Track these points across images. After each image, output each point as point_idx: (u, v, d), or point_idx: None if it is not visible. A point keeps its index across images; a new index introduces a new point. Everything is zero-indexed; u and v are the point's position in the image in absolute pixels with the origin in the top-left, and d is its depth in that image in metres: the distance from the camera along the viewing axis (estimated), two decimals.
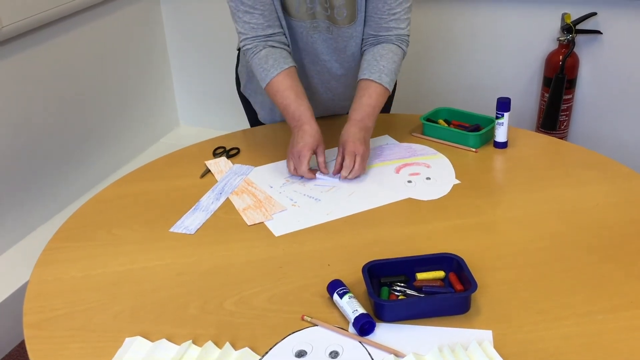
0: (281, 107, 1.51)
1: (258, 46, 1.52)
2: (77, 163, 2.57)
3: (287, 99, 1.49)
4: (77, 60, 2.48)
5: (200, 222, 1.33)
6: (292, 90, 1.49)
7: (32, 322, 1.09)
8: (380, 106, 1.52)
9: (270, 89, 1.51)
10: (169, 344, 1.01)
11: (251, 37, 1.52)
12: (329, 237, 1.27)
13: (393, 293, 1.09)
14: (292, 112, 1.48)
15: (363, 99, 1.50)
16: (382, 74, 1.51)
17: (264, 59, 1.51)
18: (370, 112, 1.49)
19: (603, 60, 2.31)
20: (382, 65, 1.51)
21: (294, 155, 1.46)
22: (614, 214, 1.29)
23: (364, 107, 1.49)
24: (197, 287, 1.14)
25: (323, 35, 1.55)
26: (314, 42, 1.56)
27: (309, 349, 0.99)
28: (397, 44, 1.55)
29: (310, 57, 1.60)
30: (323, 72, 1.63)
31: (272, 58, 1.50)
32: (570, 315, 1.03)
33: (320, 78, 1.64)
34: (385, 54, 1.53)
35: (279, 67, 1.49)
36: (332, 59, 1.60)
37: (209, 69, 2.95)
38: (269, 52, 1.51)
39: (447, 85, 2.58)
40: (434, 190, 1.41)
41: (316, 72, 1.63)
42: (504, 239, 1.24)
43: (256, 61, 1.52)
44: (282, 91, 1.49)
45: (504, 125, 1.54)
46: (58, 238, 1.32)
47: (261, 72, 1.51)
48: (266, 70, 1.50)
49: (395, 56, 1.54)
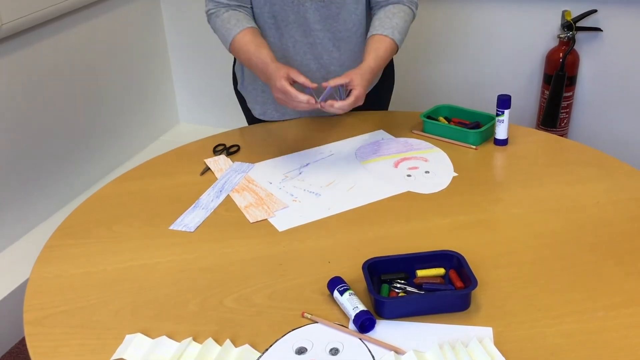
0: (246, 62, 1.54)
1: (221, 10, 1.56)
2: (77, 161, 2.57)
3: (247, 52, 1.51)
4: (77, 57, 2.48)
5: (200, 219, 1.33)
6: (252, 44, 1.51)
7: (32, 319, 1.09)
8: (388, 60, 1.55)
9: (233, 47, 1.54)
10: (169, 340, 1.01)
11: (216, 2, 1.56)
12: (329, 234, 1.27)
13: (393, 290, 1.09)
14: (255, 62, 1.50)
15: (379, 50, 1.51)
16: (394, 30, 1.53)
17: (226, 19, 1.54)
18: (381, 64, 1.52)
19: (603, 58, 2.30)
20: (394, 23, 1.54)
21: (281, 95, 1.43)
22: (614, 212, 1.29)
23: (377, 59, 1.50)
24: (197, 284, 1.15)
25: (314, 4, 1.55)
26: (305, 12, 1.56)
27: (309, 346, 0.99)
28: (408, 5, 1.60)
29: (302, 30, 1.59)
30: (315, 45, 1.61)
31: (235, 19, 1.54)
32: (570, 312, 1.04)
33: (313, 52, 1.62)
34: (397, 12, 1.56)
35: (240, 25, 1.53)
36: (324, 29, 1.59)
37: (209, 67, 2.95)
38: (231, 14, 1.55)
39: (447, 82, 2.58)
40: (433, 184, 1.41)
41: (308, 45, 1.61)
42: (505, 236, 1.24)
43: (219, 23, 1.56)
44: (244, 45, 1.52)
45: (504, 122, 1.54)
46: (58, 235, 1.32)
47: (224, 32, 1.54)
48: (228, 29, 1.53)
49: (407, 16, 1.58)
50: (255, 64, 1.50)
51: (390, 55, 1.54)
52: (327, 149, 1.58)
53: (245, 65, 1.56)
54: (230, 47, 1.55)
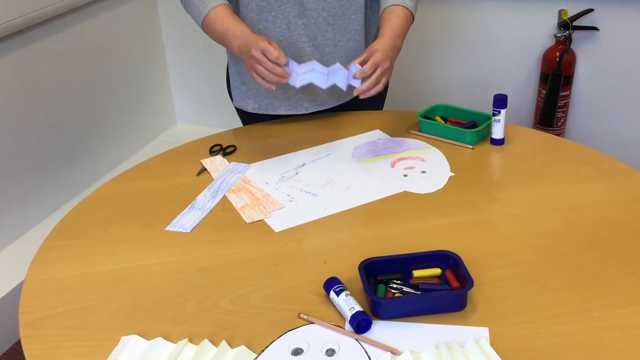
0: (221, 32, 1.49)
1: None
2: (73, 161, 2.56)
3: (226, 23, 1.48)
4: (74, 58, 2.47)
5: (196, 220, 1.33)
6: (231, 17, 1.49)
7: (28, 321, 1.09)
8: (407, 29, 1.52)
9: (208, 19, 1.50)
10: (165, 342, 1.01)
11: None
12: (325, 235, 1.26)
13: (389, 290, 1.09)
14: (232, 32, 1.46)
15: (392, 19, 1.49)
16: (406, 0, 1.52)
17: None
18: (401, 32, 1.49)
19: (600, 57, 2.30)
20: None
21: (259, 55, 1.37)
22: (611, 211, 1.29)
23: (395, 27, 1.48)
24: (193, 286, 1.14)
25: None
26: None
27: (306, 347, 0.99)
28: None
29: (296, 8, 1.57)
30: (310, 25, 1.59)
31: None
32: (567, 313, 1.03)
33: (307, 33, 1.60)
34: None
35: (217, 1, 1.50)
36: (319, 8, 1.57)
37: (206, 67, 2.95)
38: None
39: (443, 82, 2.58)
40: (430, 184, 1.41)
41: (303, 26, 1.59)
42: (501, 236, 1.23)
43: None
44: (222, 18, 1.48)
45: (500, 122, 1.54)
46: (54, 236, 1.31)
47: (199, 6, 1.51)
48: (204, 2, 1.50)
49: None
50: (233, 33, 1.46)
51: (404, 21, 1.51)
52: (324, 149, 1.58)
53: (218, 39, 1.51)
54: (205, 19, 1.51)
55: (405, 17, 1.52)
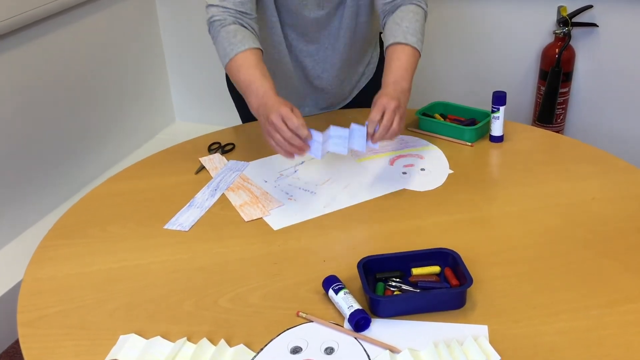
0: (244, 83, 1.39)
1: (228, 19, 1.43)
2: (71, 160, 2.56)
3: (252, 76, 1.38)
4: (72, 56, 2.47)
5: (195, 218, 1.32)
6: (258, 69, 1.38)
7: (26, 320, 1.09)
8: (412, 67, 1.44)
9: (234, 64, 1.40)
10: (164, 341, 1.01)
11: (222, 8, 1.43)
12: (324, 233, 1.26)
13: (388, 289, 1.08)
14: (255, 88, 1.37)
15: (392, 63, 1.42)
16: (406, 34, 1.44)
17: (232, 32, 1.41)
18: (403, 74, 1.41)
19: (599, 53, 2.30)
20: (404, 27, 1.45)
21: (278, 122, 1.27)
22: (610, 208, 1.29)
23: (395, 71, 1.41)
24: (192, 284, 1.14)
25: (314, 13, 1.53)
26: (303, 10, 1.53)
27: (304, 345, 0.99)
28: (416, 4, 1.50)
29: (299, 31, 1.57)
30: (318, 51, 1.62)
31: (241, 35, 1.41)
32: (566, 310, 1.03)
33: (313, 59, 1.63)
34: (404, 16, 1.47)
35: (247, 44, 1.40)
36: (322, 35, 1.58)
37: (205, 65, 2.94)
38: (238, 29, 1.42)
39: (442, 79, 2.58)
40: (429, 181, 1.41)
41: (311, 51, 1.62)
42: (500, 234, 1.23)
43: (223, 34, 1.41)
44: (248, 67, 1.38)
45: (499, 119, 1.53)
46: (52, 236, 1.31)
47: (227, 46, 1.40)
48: (233, 44, 1.40)
49: (417, 15, 1.48)
50: (256, 90, 1.36)
51: (405, 63, 1.43)
52: None
53: (239, 88, 1.43)
54: (230, 63, 1.41)
55: (407, 57, 1.43)
